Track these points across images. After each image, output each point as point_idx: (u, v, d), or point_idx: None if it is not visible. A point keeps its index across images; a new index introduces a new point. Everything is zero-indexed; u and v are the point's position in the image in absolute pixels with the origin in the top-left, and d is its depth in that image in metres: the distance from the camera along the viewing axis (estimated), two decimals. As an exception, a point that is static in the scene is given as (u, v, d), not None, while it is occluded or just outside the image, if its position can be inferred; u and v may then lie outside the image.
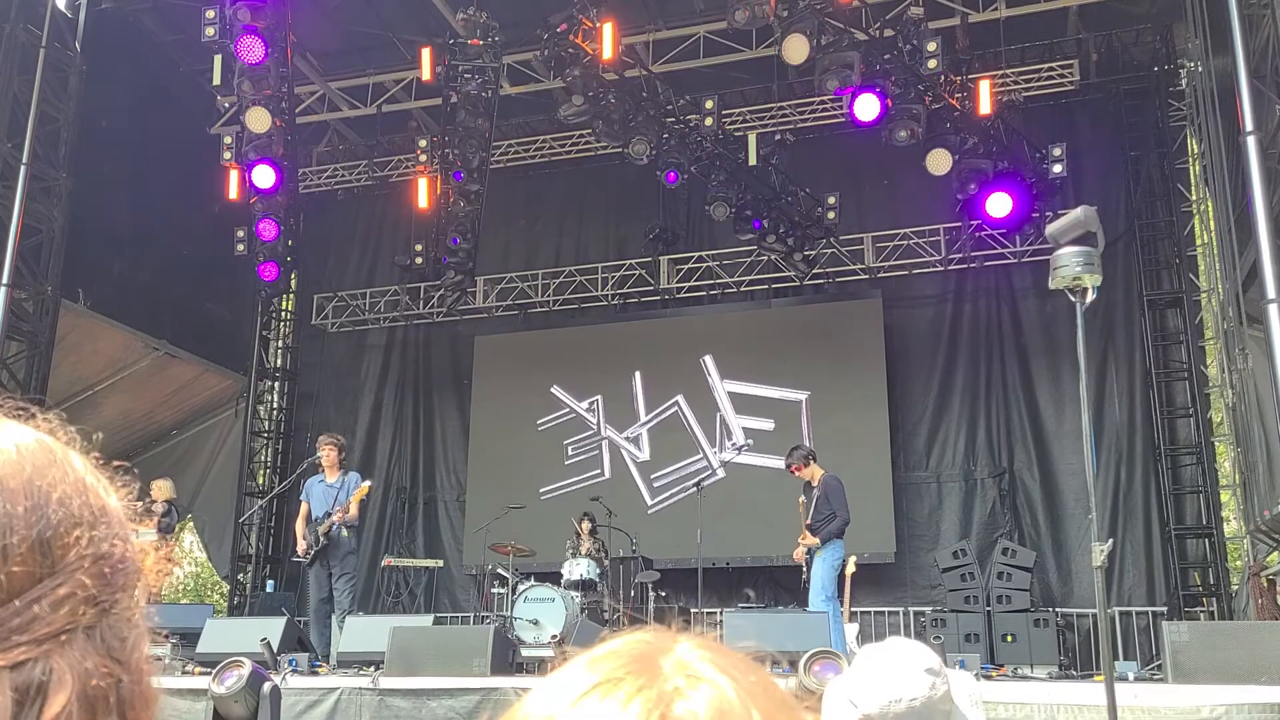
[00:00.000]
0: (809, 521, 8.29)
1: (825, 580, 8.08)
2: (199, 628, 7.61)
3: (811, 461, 8.52)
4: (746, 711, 0.57)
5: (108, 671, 0.64)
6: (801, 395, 11.84)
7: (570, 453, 12.51)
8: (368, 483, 8.87)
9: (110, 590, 0.66)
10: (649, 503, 12.03)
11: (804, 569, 8.38)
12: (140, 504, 0.77)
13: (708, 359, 12.29)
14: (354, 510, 8.62)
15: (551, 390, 12.66)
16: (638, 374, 12.53)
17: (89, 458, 0.73)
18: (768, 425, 11.82)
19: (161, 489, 10.64)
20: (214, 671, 5.59)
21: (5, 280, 9.57)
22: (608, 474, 12.32)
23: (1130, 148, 11.69)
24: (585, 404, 12.62)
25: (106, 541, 0.67)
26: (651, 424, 12.39)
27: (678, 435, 12.24)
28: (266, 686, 5.51)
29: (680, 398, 12.30)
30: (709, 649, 0.61)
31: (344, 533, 8.62)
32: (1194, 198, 11.29)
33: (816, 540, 8.18)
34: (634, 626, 0.65)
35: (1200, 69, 9.54)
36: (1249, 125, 7.56)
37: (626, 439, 12.44)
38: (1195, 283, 11.20)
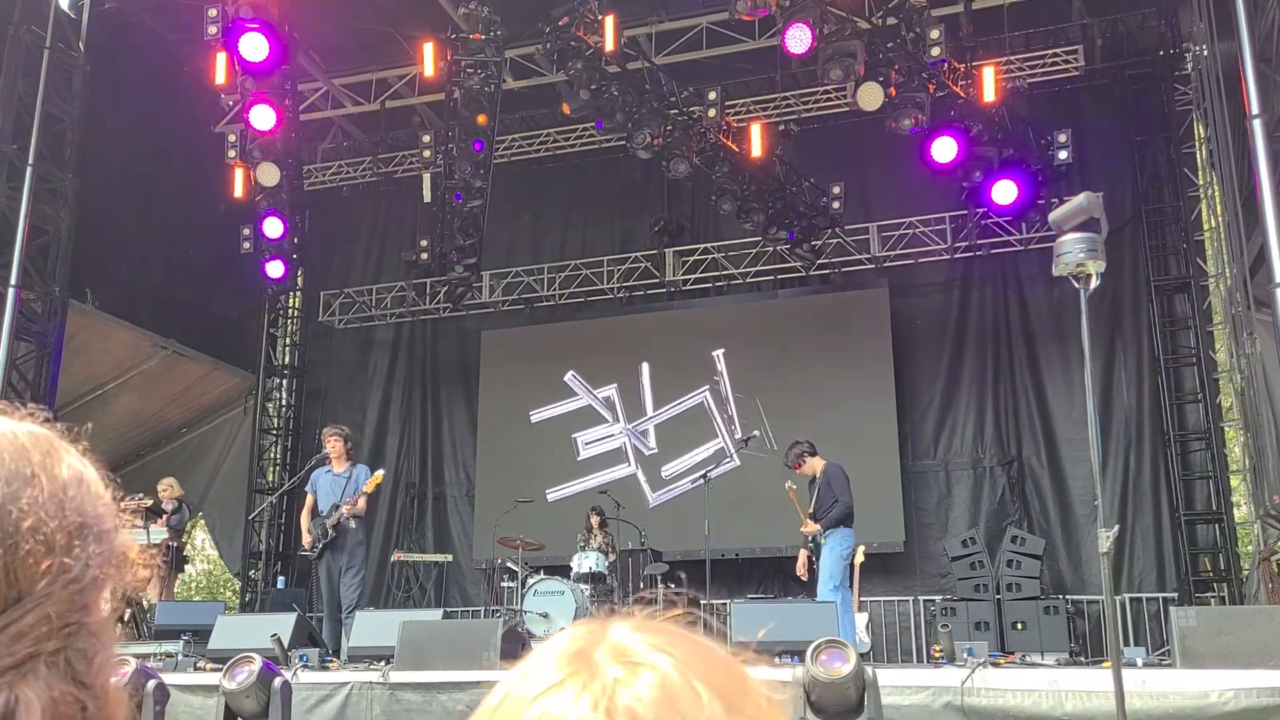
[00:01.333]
0: (810, 510, 8.29)
1: (832, 569, 8.08)
2: (210, 624, 7.65)
3: (809, 456, 8.50)
4: (688, 685, 0.58)
5: (74, 697, 0.62)
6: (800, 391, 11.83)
7: (583, 447, 12.49)
8: (380, 472, 8.87)
9: (79, 612, 0.64)
10: (650, 497, 12.04)
11: (812, 559, 8.38)
12: (150, 503, 0.76)
13: (719, 353, 12.28)
14: (363, 504, 8.64)
15: (566, 379, 12.62)
16: (645, 366, 12.53)
17: (84, 455, 0.71)
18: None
19: (170, 487, 10.74)
20: (225, 667, 5.61)
21: (13, 281, 9.61)
22: (632, 466, 12.30)
23: (1136, 133, 11.64)
24: (602, 395, 12.60)
25: (80, 564, 0.65)
26: (661, 418, 12.39)
27: (686, 428, 12.25)
28: (277, 682, 5.53)
29: (704, 390, 12.29)
30: (642, 629, 0.62)
31: (352, 524, 8.62)
32: (1201, 182, 11.24)
33: (819, 528, 8.17)
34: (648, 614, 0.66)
35: (1206, 53, 9.49)
36: (1255, 109, 7.52)
37: (634, 431, 12.45)
38: (1203, 267, 11.16)
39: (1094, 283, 4.33)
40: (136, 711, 5.23)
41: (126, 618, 8.95)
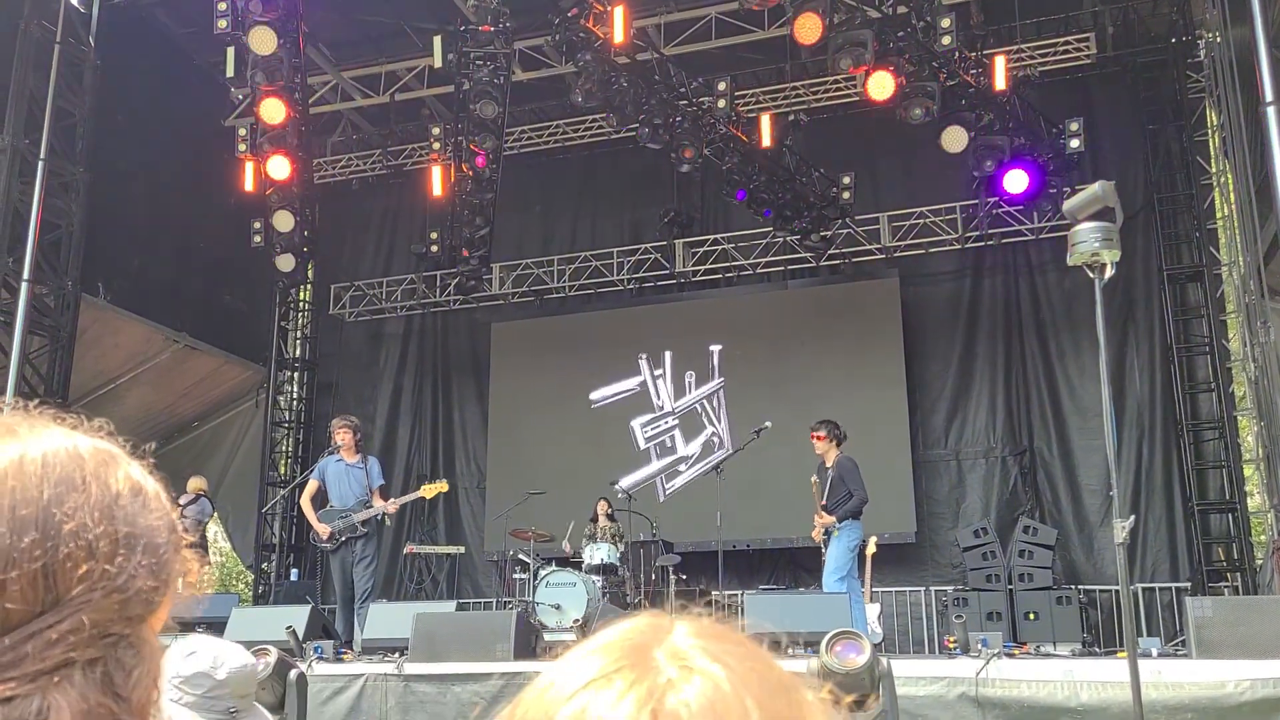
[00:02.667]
0: (824, 502, 8.29)
1: (840, 561, 8.07)
2: (224, 617, 7.68)
3: (833, 439, 8.48)
4: (740, 700, 0.57)
5: (108, 710, 0.61)
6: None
7: (642, 438, 12.45)
8: (443, 481, 9.30)
9: (122, 624, 0.63)
10: (662, 490, 12.05)
11: (823, 549, 8.38)
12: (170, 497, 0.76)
13: (723, 345, 12.28)
14: (394, 508, 8.71)
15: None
16: (646, 357, 12.53)
17: (144, 465, 0.71)
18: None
19: (193, 483, 10.95)
20: (240, 660, 5.63)
21: (26, 275, 9.64)
22: (685, 450, 12.28)
23: (1148, 121, 11.58)
24: (627, 386, 12.60)
25: (125, 574, 0.64)
26: (683, 408, 12.39)
27: (695, 419, 12.25)
28: (293, 674, 5.55)
29: (717, 380, 12.30)
30: (705, 635, 0.61)
31: (388, 522, 8.73)
32: (1213, 170, 11.17)
33: (833, 519, 8.18)
34: (655, 609, 0.66)
35: (1219, 40, 9.43)
36: (1269, 96, 7.47)
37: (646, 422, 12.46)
38: (1216, 256, 11.10)
39: (1109, 272, 4.30)
40: (279, 702, 5.34)
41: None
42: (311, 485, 8.87)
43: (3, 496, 0.63)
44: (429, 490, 9.16)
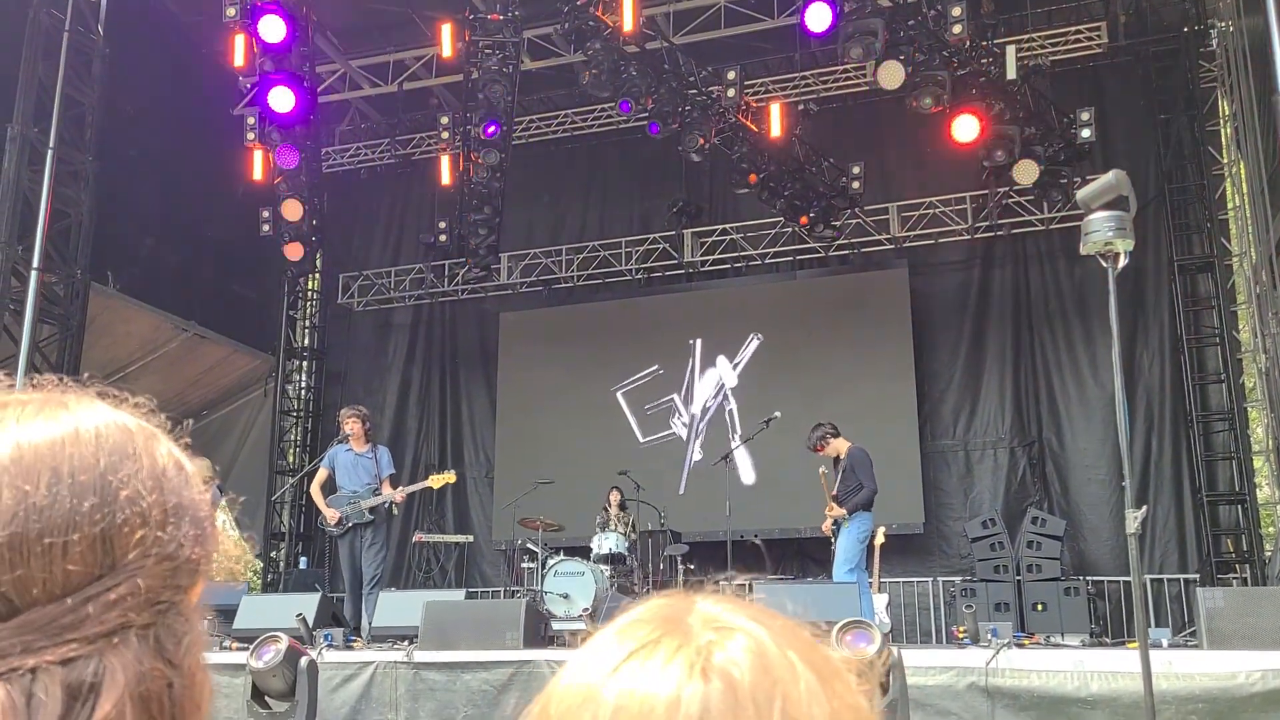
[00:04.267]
0: (835, 493, 8.28)
1: (850, 552, 8.07)
2: (234, 604, 7.72)
3: (832, 438, 8.48)
4: (782, 653, 0.58)
5: (160, 674, 0.63)
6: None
7: (647, 412, 12.48)
8: (451, 472, 9.40)
9: (171, 591, 0.65)
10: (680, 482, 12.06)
11: (832, 540, 8.39)
12: None
13: (723, 337, 12.27)
14: (401, 497, 8.73)
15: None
16: (696, 343, 12.52)
17: (180, 445, 0.73)
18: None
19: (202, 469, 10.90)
20: (252, 647, 5.66)
21: (36, 264, 9.66)
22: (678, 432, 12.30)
23: (1160, 110, 11.52)
24: (634, 378, 12.60)
25: (174, 542, 0.66)
26: (698, 402, 12.38)
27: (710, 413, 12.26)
28: (304, 661, 5.58)
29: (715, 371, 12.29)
30: (729, 602, 0.62)
31: (395, 511, 8.76)
32: (1225, 160, 11.12)
33: (844, 512, 8.17)
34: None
35: (1231, 29, 9.39)
36: (1282, 85, 7.42)
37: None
38: (1227, 246, 11.05)
39: (1122, 261, 4.29)
40: (290, 689, 5.34)
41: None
42: (321, 474, 8.90)
43: (62, 463, 0.64)
44: (436, 481, 9.19)
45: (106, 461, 0.65)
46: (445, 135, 11.88)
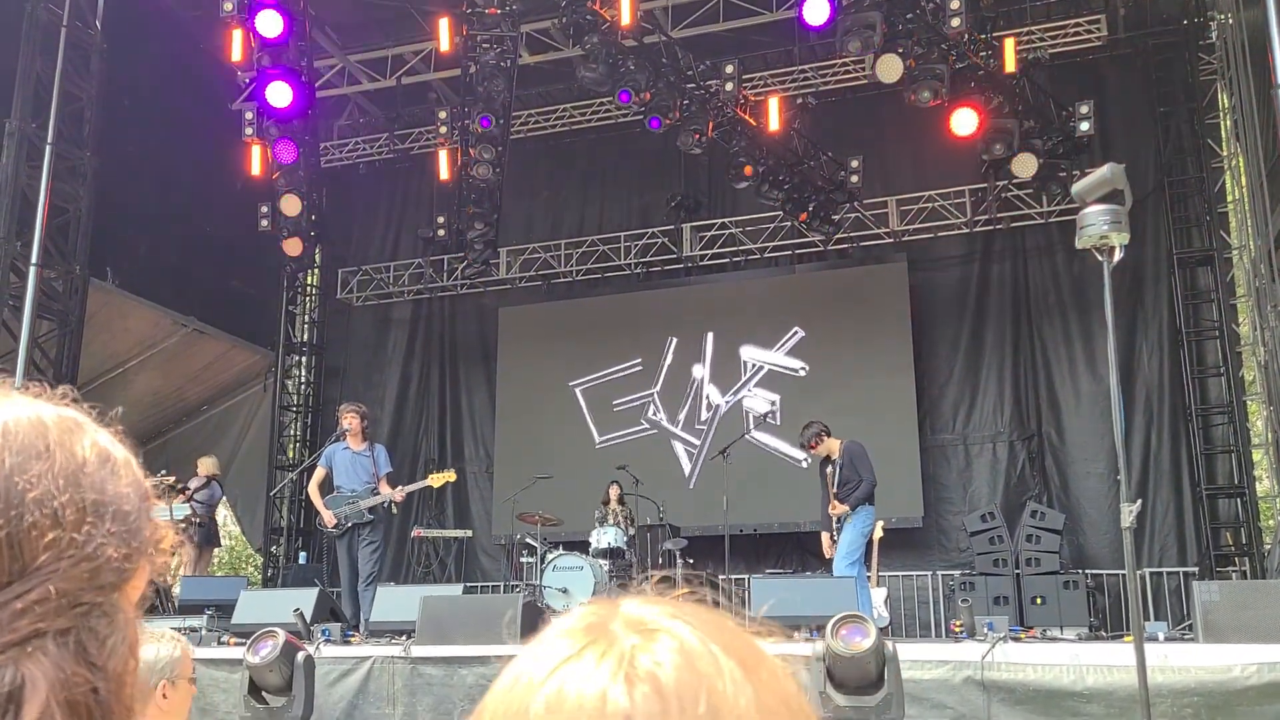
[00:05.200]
0: (835, 491, 8.27)
1: (851, 546, 8.07)
2: (233, 599, 7.72)
3: (826, 436, 8.47)
4: (705, 647, 0.59)
5: (84, 679, 0.61)
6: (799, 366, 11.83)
7: (615, 407, 12.52)
8: (451, 471, 9.38)
9: (93, 593, 0.62)
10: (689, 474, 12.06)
11: (832, 537, 8.35)
12: (172, 479, 0.75)
13: (726, 332, 12.26)
14: (401, 496, 8.72)
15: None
16: (667, 341, 12.52)
17: (115, 435, 0.71)
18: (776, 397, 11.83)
19: (202, 465, 11.01)
20: (249, 642, 5.67)
21: (34, 260, 9.66)
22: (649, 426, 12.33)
23: (1159, 103, 11.50)
24: (626, 369, 12.61)
25: (93, 542, 0.63)
26: (707, 394, 12.39)
27: (701, 404, 12.25)
28: (301, 656, 5.58)
29: (703, 367, 12.29)
30: (651, 602, 0.63)
31: (394, 510, 8.76)
32: (1225, 153, 11.10)
33: (846, 508, 8.16)
34: (661, 593, 0.66)
35: (1231, 21, 9.36)
36: (1281, 78, 7.40)
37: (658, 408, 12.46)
38: (1226, 240, 11.04)
39: (1117, 255, 4.28)
40: (287, 684, 5.30)
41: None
42: (319, 473, 8.89)
43: None
44: (437, 480, 9.18)
45: (13, 461, 0.63)
46: (443, 130, 11.87)
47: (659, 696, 0.56)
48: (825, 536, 8.41)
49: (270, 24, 10.00)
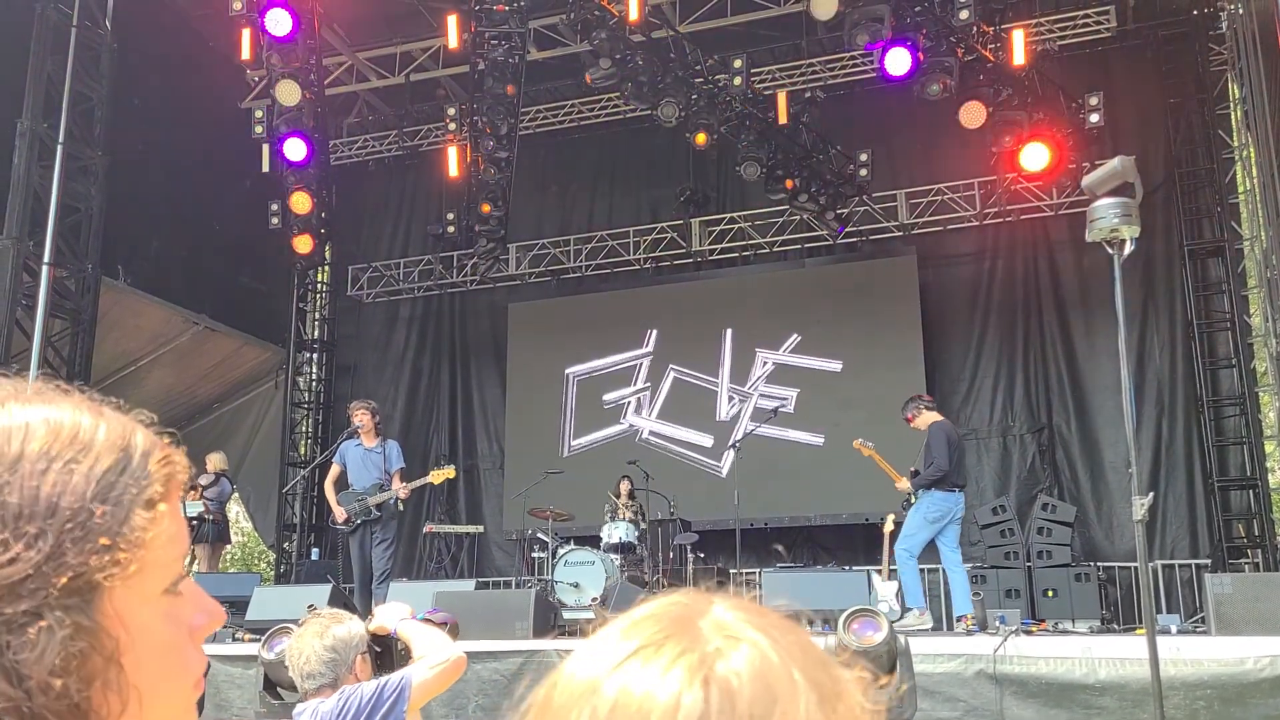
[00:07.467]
0: (913, 469, 8.24)
1: (910, 529, 7.94)
2: (246, 596, 7.77)
3: (925, 409, 8.46)
4: (786, 669, 0.58)
5: (6, 696, 0.56)
6: (835, 364, 11.80)
7: (606, 401, 12.52)
8: (451, 467, 9.34)
9: (10, 603, 0.58)
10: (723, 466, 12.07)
11: (889, 523, 8.25)
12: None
13: (734, 327, 12.25)
14: (406, 493, 8.75)
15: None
16: (674, 334, 12.53)
17: (134, 425, 0.66)
18: (792, 393, 11.81)
19: (211, 461, 11.08)
20: (264, 638, 5.69)
21: (47, 259, 9.70)
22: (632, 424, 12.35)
23: (1169, 94, 11.44)
24: (633, 362, 12.62)
25: (9, 551, 0.58)
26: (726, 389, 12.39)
27: (704, 400, 12.25)
28: (314, 652, 5.60)
29: (718, 364, 12.29)
30: (745, 609, 0.61)
31: (400, 507, 8.78)
32: (1235, 144, 11.05)
33: (909, 486, 8.12)
34: (673, 588, 0.66)
35: (1241, 11, 9.32)
36: (1292, 68, 7.38)
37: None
38: (1237, 231, 10.98)
39: (1128, 248, 4.28)
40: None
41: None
42: (334, 470, 8.93)
43: None
44: (437, 476, 9.17)
45: None
46: (452, 126, 11.87)
47: (731, 707, 0.55)
48: (890, 516, 8.31)
49: (279, 23, 10.02)
